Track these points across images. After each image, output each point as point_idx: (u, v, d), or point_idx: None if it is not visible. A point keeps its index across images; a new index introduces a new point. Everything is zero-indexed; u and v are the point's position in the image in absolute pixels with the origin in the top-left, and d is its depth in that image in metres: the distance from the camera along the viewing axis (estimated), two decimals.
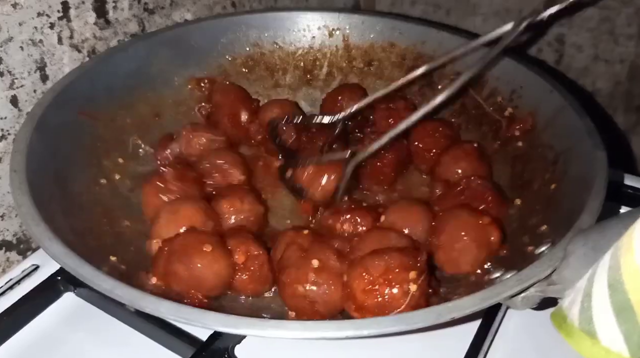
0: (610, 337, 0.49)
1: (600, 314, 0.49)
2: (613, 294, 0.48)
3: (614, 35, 1.12)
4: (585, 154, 0.71)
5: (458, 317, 0.54)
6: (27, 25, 0.76)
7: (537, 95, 0.83)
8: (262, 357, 0.68)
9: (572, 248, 0.56)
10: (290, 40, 0.99)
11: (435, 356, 0.68)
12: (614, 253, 0.49)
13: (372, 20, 0.98)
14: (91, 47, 0.85)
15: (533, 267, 0.57)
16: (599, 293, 0.49)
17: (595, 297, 0.50)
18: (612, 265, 0.49)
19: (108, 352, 0.68)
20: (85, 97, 0.79)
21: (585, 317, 0.51)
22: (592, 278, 0.50)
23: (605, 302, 0.49)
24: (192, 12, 1.00)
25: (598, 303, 0.50)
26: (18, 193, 0.63)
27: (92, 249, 0.64)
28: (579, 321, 0.51)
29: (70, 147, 0.75)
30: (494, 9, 1.21)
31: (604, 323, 0.49)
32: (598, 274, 0.50)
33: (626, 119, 1.19)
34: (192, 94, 0.94)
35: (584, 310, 0.51)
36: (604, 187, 0.65)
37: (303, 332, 0.52)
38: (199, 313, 0.53)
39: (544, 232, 0.67)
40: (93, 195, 0.74)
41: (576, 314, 0.51)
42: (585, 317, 0.51)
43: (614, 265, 0.48)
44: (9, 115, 0.77)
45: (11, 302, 0.70)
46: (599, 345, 0.49)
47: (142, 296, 0.55)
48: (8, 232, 0.80)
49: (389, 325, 0.52)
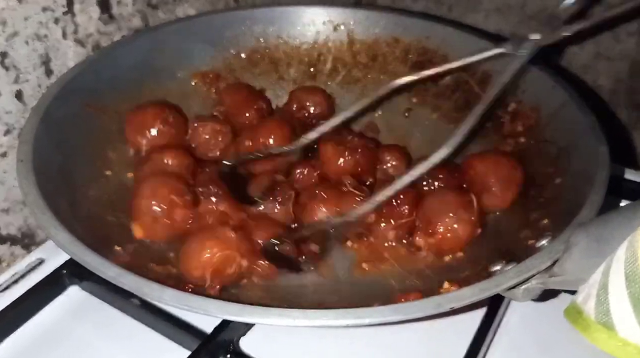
0: (628, 328, 0.49)
1: (617, 306, 0.50)
2: (630, 285, 0.48)
3: (615, 32, 1.12)
4: (587, 148, 0.71)
5: (457, 307, 0.54)
6: (32, 20, 0.76)
7: (540, 91, 0.83)
8: (268, 348, 0.68)
9: (574, 240, 0.56)
10: (294, 35, 0.99)
11: (438, 349, 0.69)
12: (629, 246, 0.49)
13: (376, 15, 0.98)
14: (95, 42, 0.86)
15: (533, 259, 0.57)
16: (615, 285, 0.50)
17: (611, 290, 0.50)
18: (628, 257, 0.49)
19: (113, 344, 0.69)
20: (90, 90, 0.80)
21: (602, 310, 0.51)
22: (607, 272, 0.51)
23: (622, 294, 0.49)
24: (195, 7, 1.00)
25: (615, 296, 0.50)
26: (25, 183, 0.64)
27: (98, 239, 0.64)
28: (595, 314, 0.51)
29: (76, 139, 0.75)
30: (496, 5, 1.21)
31: (622, 314, 0.49)
32: (614, 267, 0.50)
33: (628, 115, 1.19)
34: (197, 88, 0.94)
35: (600, 303, 0.51)
36: (606, 181, 0.65)
37: (304, 320, 0.53)
38: (202, 300, 0.54)
39: (545, 225, 0.67)
40: (98, 186, 0.75)
41: (592, 308, 0.52)
42: (602, 310, 0.51)
43: (630, 258, 0.49)
44: (14, 110, 0.77)
45: (16, 295, 0.70)
46: (616, 336, 0.50)
47: (146, 283, 0.55)
48: (13, 226, 0.81)
49: (389, 314, 0.53)
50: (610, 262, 0.50)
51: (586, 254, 0.54)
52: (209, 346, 0.64)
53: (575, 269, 0.55)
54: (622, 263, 0.49)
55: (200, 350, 0.64)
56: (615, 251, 0.50)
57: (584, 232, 0.56)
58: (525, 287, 0.58)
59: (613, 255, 0.50)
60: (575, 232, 0.57)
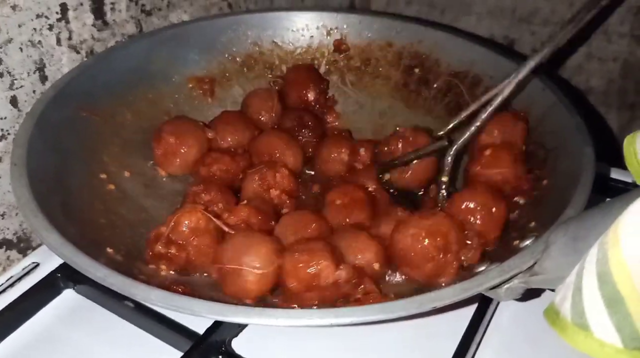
0: (602, 328, 0.49)
1: (591, 306, 0.50)
2: (602, 286, 0.49)
3: (607, 34, 1.13)
4: (573, 150, 0.72)
5: (439, 306, 0.55)
6: (26, 26, 0.77)
7: (530, 94, 0.83)
8: (259, 349, 0.69)
9: (552, 238, 0.56)
10: (289, 40, 1.00)
11: (428, 347, 0.69)
12: (600, 246, 0.50)
13: (369, 19, 0.99)
14: (89, 48, 0.86)
15: (515, 259, 0.58)
16: (588, 286, 0.50)
17: (585, 290, 0.50)
18: (600, 258, 0.49)
19: (107, 347, 0.69)
20: (85, 94, 0.80)
21: (577, 311, 0.51)
22: (580, 273, 0.51)
23: (596, 295, 0.49)
24: (189, 13, 1.01)
25: (588, 296, 0.50)
26: (17, 186, 0.65)
27: (90, 241, 0.65)
28: (571, 315, 0.51)
29: (70, 143, 0.76)
30: (488, 8, 1.22)
31: (596, 315, 0.50)
32: (586, 268, 0.50)
33: (619, 116, 1.19)
34: (192, 93, 0.95)
35: (575, 304, 0.51)
36: (590, 182, 0.66)
37: (287, 319, 0.53)
38: (188, 301, 0.55)
39: (531, 227, 0.68)
40: (92, 190, 0.75)
41: (568, 309, 0.52)
42: (577, 311, 0.51)
43: (602, 258, 0.49)
44: (9, 116, 0.78)
45: (12, 298, 0.71)
46: (592, 337, 0.50)
47: (133, 284, 0.56)
48: (8, 230, 0.82)
49: (372, 313, 0.54)
50: (584, 263, 0.51)
51: (564, 252, 0.55)
52: (201, 347, 0.65)
53: (555, 267, 0.55)
54: (594, 265, 0.49)
55: (192, 351, 0.64)
56: (589, 251, 0.51)
57: (562, 231, 0.56)
58: (508, 286, 0.59)
59: (586, 255, 0.51)
60: (554, 231, 0.58)
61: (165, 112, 0.90)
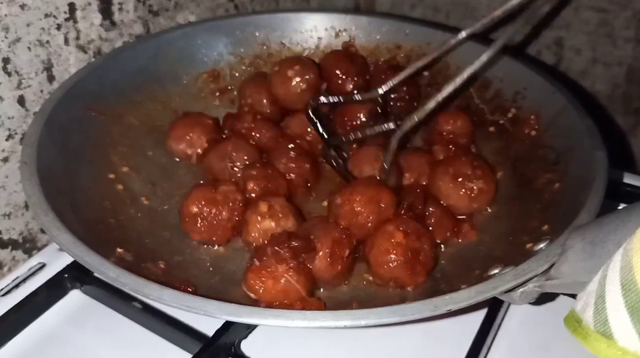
0: (626, 337, 0.48)
1: (614, 315, 0.49)
2: (626, 294, 0.48)
3: (612, 38, 1.13)
4: (585, 154, 0.72)
5: (454, 309, 0.54)
6: (34, 26, 0.77)
7: (540, 97, 0.84)
8: (268, 351, 0.68)
9: (570, 243, 0.56)
10: (297, 41, 1.00)
11: (438, 350, 0.69)
12: (624, 254, 0.49)
13: (378, 21, 1.00)
14: (97, 48, 0.86)
15: (530, 262, 0.58)
16: (612, 294, 0.49)
17: (608, 298, 0.50)
18: (624, 265, 0.49)
19: (115, 348, 0.69)
20: (94, 94, 0.80)
21: (600, 319, 0.50)
22: (603, 281, 0.50)
23: (619, 303, 0.49)
24: (196, 14, 1.01)
25: (612, 304, 0.49)
26: (28, 185, 0.64)
27: (100, 240, 0.65)
28: (593, 323, 0.51)
29: (79, 142, 0.76)
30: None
31: (619, 323, 0.49)
32: (610, 276, 0.50)
33: (625, 120, 1.19)
34: (200, 93, 0.95)
35: (598, 312, 0.51)
36: (604, 186, 0.66)
37: (302, 321, 0.53)
38: (201, 301, 0.55)
39: (544, 230, 0.68)
40: (101, 189, 0.75)
41: (591, 316, 0.51)
42: (600, 319, 0.50)
43: (626, 266, 0.48)
44: (17, 115, 0.78)
45: (18, 299, 0.70)
46: (615, 345, 0.49)
47: (145, 284, 0.56)
48: (14, 230, 0.81)
49: (386, 315, 0.53)
50: (607, 271, 0.50)
51: (582, 257, 0.54)
52: (210, 349, 0.64)
53: (572, 272, 0.55)
54: (618, 272, 0.49)
55: (201, 353, 0.63)
56: (611, 259, 0.50)
57: (580, 235, 0.56)
58: (523, 290, 0.58)
59: (609, 263, 0.50)
60: (571, 235, 0.57)
61: (173, 111, 0.90)
